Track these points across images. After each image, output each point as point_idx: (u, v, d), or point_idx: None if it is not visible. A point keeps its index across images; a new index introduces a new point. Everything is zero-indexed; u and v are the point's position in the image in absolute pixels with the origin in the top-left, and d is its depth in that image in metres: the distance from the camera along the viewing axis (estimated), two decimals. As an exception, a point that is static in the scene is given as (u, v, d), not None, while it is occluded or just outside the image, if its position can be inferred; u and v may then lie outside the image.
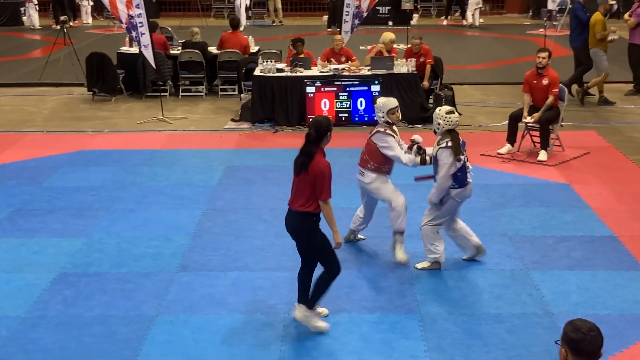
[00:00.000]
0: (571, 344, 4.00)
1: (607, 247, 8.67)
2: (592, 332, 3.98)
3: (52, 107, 15.71)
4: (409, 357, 6.58)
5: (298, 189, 6.72)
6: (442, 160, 7.87)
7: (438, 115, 7.89)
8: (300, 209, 6.70)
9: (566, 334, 4.04)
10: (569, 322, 4.09)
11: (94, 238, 9.11)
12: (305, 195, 6.67)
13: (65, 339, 6.88)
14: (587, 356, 3.99)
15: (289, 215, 6.86)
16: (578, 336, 3.97)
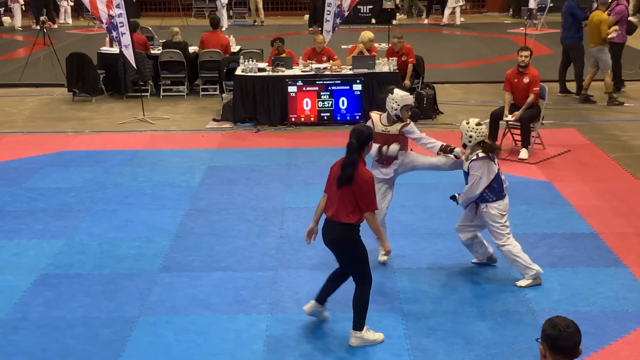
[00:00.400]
0: (548, 341, 4.03)
1: (588, 244, 8.72)
2: (569, 329, 4.01)
3: (32, 107, 15.62)
4: (391, 355, 6.58)
5: (341, 200, 6.50)
6: (474, 172, 7.64)
7: (469, 128, 7.65)
8: (345, 220, 6.51)
9: (544, 331, 4.07)
10: (547, 320, 4.12)
11: (75, 239, 9.06)
12: (349, 207, 6.49)
13: (46, 341, 6.84)
14: (564, 353, 4.01)
15: (330, 226, 6.62)
16: (555, 333, 4.00)
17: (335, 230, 6.59)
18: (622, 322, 7.05)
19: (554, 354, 4.03)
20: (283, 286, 7.85)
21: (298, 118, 13.86)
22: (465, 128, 7.72)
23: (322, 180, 10.64)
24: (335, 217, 6.56)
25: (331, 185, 6.65)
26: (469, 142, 7.72)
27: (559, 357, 4.03)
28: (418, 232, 9.15)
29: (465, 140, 7.76)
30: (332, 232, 6.63)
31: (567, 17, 15.40)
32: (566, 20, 15.44)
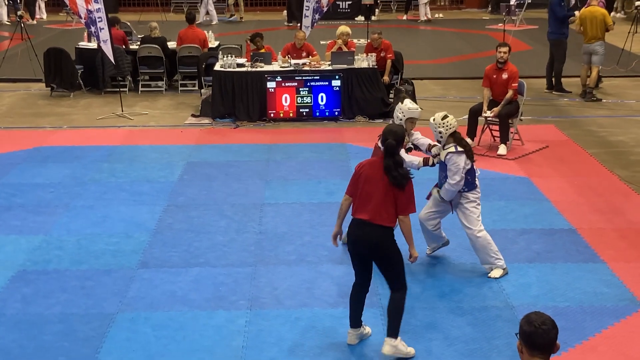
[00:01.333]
0: (525, 337, 4.06)
1: (566, 240, 8.77)
2: (545, 325, 4.03)
3: (10, 103, 15.49)
4: (371, 351, 6.60)
5: (382, 203, 6.27)
6: (455, 164, 7.65)
7: (436, 124, 7.69)
8: (386, 223, 6.30)
9: (521, 327, 4.09)
10: (525, 315, 4.15)
11: (53, 235, 9.00)
12: (391, 209, 6.29)
13: (24, 338, 6.79)
14: (540, 349, 4.04)
15: (368, 230, 6.32)
16: (530, 329, 4.03)
17: (375, 234, 6.32)
18: (599, 318, 7.10)
19: (530, 350, 4.05)
20: (262, 282, 7.84)
21: (277, 114, 13.84)
22: (434, 125, 7.77)
23: (302, 176, 10.75)
24: (374, 220, 6.29)
25: (362, 187, 6.37)
26: (440, 138, 7.77)
27: (535, 353, 4.05)
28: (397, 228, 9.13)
29: (437, 137, 7.82)
30: (370, 236, 6.33)
31: (550, 13, 15.46)
32: (549, 16, 15.51)
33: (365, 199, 6.35)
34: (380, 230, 6.32)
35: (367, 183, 6.35)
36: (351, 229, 6.46)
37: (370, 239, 6.35)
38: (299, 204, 9.89)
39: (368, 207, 6.32)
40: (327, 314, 7.21)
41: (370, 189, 6.32)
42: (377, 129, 13.10)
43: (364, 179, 6.38)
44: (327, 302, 7.45)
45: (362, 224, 6.35)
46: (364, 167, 6.46)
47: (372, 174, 6.35)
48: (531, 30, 23.44)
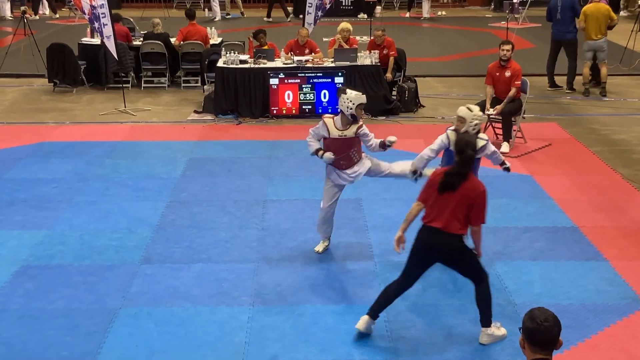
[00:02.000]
0: (527, 333, 4.07)
1: (568, 238, 8.77)
2: (547, 322, 4.04)
3: (12, 98, 15.50)
4: (373, 348, 6.61)
5: (454, 212, 6.37)
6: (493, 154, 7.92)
7: (474, 116, 7.73)
8: (458, 231, 6.41)
9: (523, 323, 4.10)
10: (528, 311, 4.15)
11: (56, 230, 9.02)
12: (461, 218, 6.39)
13: (27, 333, 6.81)
14: (542, 346, 4.05)
15: (441, 237, 6.43)
16: (533, 326, 4.03)
17: (448, 242, 6.43)
18: (602, 316, 7.11)
19: (532, 346, 4.06)
20: (265, 278, 7.84)
21: (279, 110, 13.84)
22: (470, 116, 7.76)
23: (304, 172, 10.75)
24: (447, 228, 6.38)
25: (436, 195, 6.45)
26: (472, 130, 7.76)
27: (537, 350, 4.06)
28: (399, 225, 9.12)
29: (469, 128, 7.77)
30: (444, 244, 6.45)
31: (567, 12, 15.30)
32: (565, 15, 15.32)
33: (441, 207, 6.41)
34: (453, 239, 6.42)
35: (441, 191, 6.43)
36: (424, 235, 6.52)
37: (445, 246, 6.45)
38: (301, 201, 9.90)
39: (443, 215, 6.38)
40: (330, 311, 7.21)
41: (447, 198, 6.38)
42: (379, 126, 13.13)
43: (437, 187, 6.46)
44: (330, 298, 7.45)
45: (436, 232, 6.41)
46: (439, 175, 6.51)
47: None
48: (534, 28, 23.42)
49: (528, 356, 4.11)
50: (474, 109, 7.83)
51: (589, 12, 15.04)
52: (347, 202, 9.27)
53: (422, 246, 6.53)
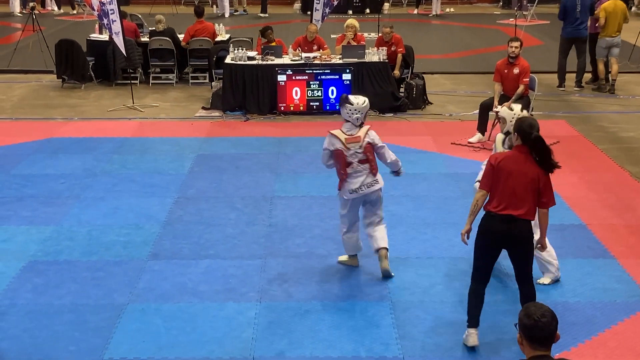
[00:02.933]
0: (524, 330, 4.04)
1: (576, 236, 8.75)
2: (544, 318, 4.01)
3: (21, 94, 15.54)
4: (380, 344, 6.60)
5: (530, 198, 6.22)
6: None
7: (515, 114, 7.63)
8: (531, 217, 6.27)
9: (520, 320, 4.08)
10: (523, 308, 4.13)
11: (64, 226, 9.04)
12: (532, 202, 6.23)
13: (35, 328, 6.83)
14: (540, 342, 4.03)
15: (516, 224, 6.23)
16: (530, 322, 4.01)
17: (524, 229, 6.28)
18: (610, 313, 7.09)
19: (530, 343, 4.04)
20: (272, 274, 7.85)
21: (287, 107, 13.84)
22: (511, 115, 7.67)
23: (312, 169, 10.75)
24: (522, 215, 6.22)
25: (505, 182, 6.22)
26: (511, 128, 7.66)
27: (536, 346, 4.04)
28: (406, 221, 9.16)
29: (511, 128, 7.51)
30: (519, 230, 6.26)
31: (586, 10, 15.20)
32: (584, 14, 15.23)
33: (510, 193, 6.21)
34: (528, 225, 6.28)
35: (510, 178, 6.21)
36: (493, 224, 6.30)
37: (519, 233, 6.27)
38: (309, 197, 9.90)
39: (514, 201, 6.20)
40: (337, 307, 7.22)
41: (515, 184, 6.19)
42: (387, 122, 13.13)
43: (506, 173, 6.23)
44: (337, 295, 7.46)
45: (508, 219, 6.22)
46: (503, 161, 6.30)
47: (516, 168, 6.22)
48: (542, 25, 23.37)
49: (527, 353, 4.09)
50: (515, 108, 7.77)
51: (610, 9, 15.04)
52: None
53: (494, 236, 6.34)
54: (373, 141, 7.65)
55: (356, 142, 7.60)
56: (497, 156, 6.41)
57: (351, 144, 7.60)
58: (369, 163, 7.64)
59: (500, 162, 6.28)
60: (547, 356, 4.06)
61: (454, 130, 12.73)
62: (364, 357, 6.43)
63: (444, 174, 10.71)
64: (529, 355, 4.07)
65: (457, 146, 11.89)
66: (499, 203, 6.25)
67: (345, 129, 7.67)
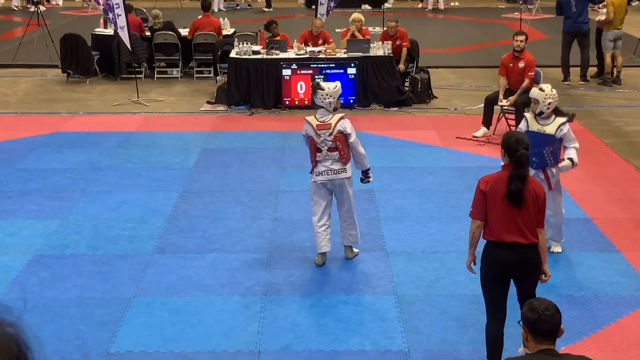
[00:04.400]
0: (528, 324, 4.05)
1: (582, 229, 8.75)
2: (548, 311, 4.03)
3: (26, 88, 15.56)
4: (385, 338, 6.61)
5: (527, 221, 5.74)
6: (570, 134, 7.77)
7: (547, 95, 7.66)
8: (536, 240, 5.80)
9: (524, 315, 4.09)
10: (526, 303, 4.15)
11: (69, 220, 9.06)
12: (533, 224, 5.78)
13: (41, 322, 6.83)
14: (545, 335, 4.04)
15: (523, 250, 5.77)
16: (534, 317, 4.03)
17: (531, 254, 5.82)
18: (615, 307, 7.10)
19: (535, 337, 4.05)
20: (277, 268, 7.87)
21: (292, 101, 13.85)
22: (543, 95, 7.70)
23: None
24: (527, 239, 5.77)
25: (501, 207, 5.77)
26: (547, 109, 7.72)
27: (541, 340, 4.05)
28: (412, 215, 9.17)
29: (544, 108, 7.69)
30: (527, 257, 5.81)
31: (582, 2, 15.19)
32: (580, 6, 15.18)
33: (508, 218, 5.76)
34: (535, 249, 5.82)
35: (507, 202, 5.76)
36: (502, 253, 5.81)
37: (531, 260, 5.83)
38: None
39: (515, 227, 5.75)
40: (342, 301, 7.23)
41: (514, 208, 5.74)
42: (392, 117, 13.13)
43: (501, 198, 5.77)
44: (342, 289, 7.47)
45: (514, 247, 5.77)
46: (494, 185, 5.85)
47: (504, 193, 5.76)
48: (547, 19, 23.31)
49: (532, 348, 4.10)
50: (546, 89, 7.82)
51: (617, 2, 15.05)
52: (360, 193, 9.27)
53: (505, 265, 5.83)
54: (345, 130, 7.71)
55: (326, 129, 7.72)
56: (486, 179, 5.96)
57: (321, 130, 7.74)
58: (338, 151, 7.72)
59: (492, 187, 5.85)
60: (552, 349, 4.07)
61: (459, 124, 12.73)
62: (369, 350, 6.44)
63: (449, 167, 10.71)
64: (534, 350, 4.08)
65: (462, 140, 11.89)
66: (502, 231, 5.80)
67: (319, 115, 7.81)
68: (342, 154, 7.72)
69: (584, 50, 15.43)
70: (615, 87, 15.28)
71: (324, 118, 7.78)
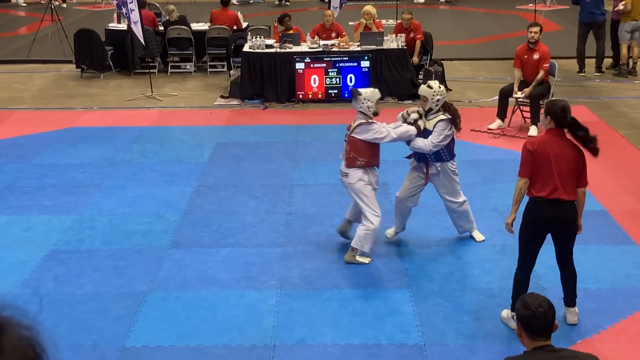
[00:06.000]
0: (523, 322, 4.02)
1: (598, 222, 8.70)
2: (541, 307, 3.99)
3: (41, 84, 15.61)
4: (400, 332, 6.60)
5: (572, 178, 6.34)
6: (442, 129, 7.82)
7: (435, 92, 7.81)
8: (574, 198, 6.38)
9: (517, 311, 4.06)
10: (520, 299, 4.12)
11: (85, 215, 9.08)
12: (574, 184, 6.36)
13: (57, 317, 6.86)
14: (539, 332, 4.00)
15: (564, 206, 6.32)
16: (527, 313, 3.99)
17: (571, 211, 6.37)
18: (632, 299, 7.05)
19: (529, 334, 4.01)
20: (292, 262, 7.86)
21: (306, 95, 13.83)
22: (432, 92, 7.85)
23: (330, 157, 10.74)
24: (569, 197, 6.30)
25: (545, 166, 6.28)
26: (435, 106, 7.88)
27: (536, 337, 4.01)
28: (427, 209, 9.12)
29: (432, 105, 7.88)
30: (568, 212, 6.35)
31: None
32: None
33: (554, 177, 6.25)
34: (574, 206, 6.37)
35: (552, 161, 6.26)
36: (542, 210, 6.32)
37: (569, 216, 6.35)
38: (328, 185, 9.89)
39: (560, 185, 6.25)
40: (357, 295, 7.22)
41: (558, 167, 6.25)
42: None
43: (546, 157, 6.26)
44: (357, 282, 7.46)
45: (557, 203, 6.27)
46: (541, 145, 6.34)
47: (557, 152, 6.28)
48: (562, 10, 23.18)
49: (528, 345, 4.05)
50: (434, 85, 7.93)
51: None
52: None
53: (544, 221, 6.37)
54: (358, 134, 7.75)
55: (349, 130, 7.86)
56: (533, 141, 6.46)
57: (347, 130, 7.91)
58: (346, 153, 7.81)
59: (538, 147, 6.31)
60: (549, 345, 4.03)
61: (473, 116, 12.67)
62: (384, 344, 6.43)
63: (464, 160, 10.64)
64: (529, 347, 4.04)
65: (476, 133, 11.84)
66: (545, 188, 6.28)
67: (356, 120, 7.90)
68: (348, 157, 7.80)
69: (600, 41, 15.33)
70: (631, 78, 15.20)
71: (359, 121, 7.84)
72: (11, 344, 1.26)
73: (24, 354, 1.29)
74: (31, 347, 1.32)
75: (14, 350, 1.26)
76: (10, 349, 1.25)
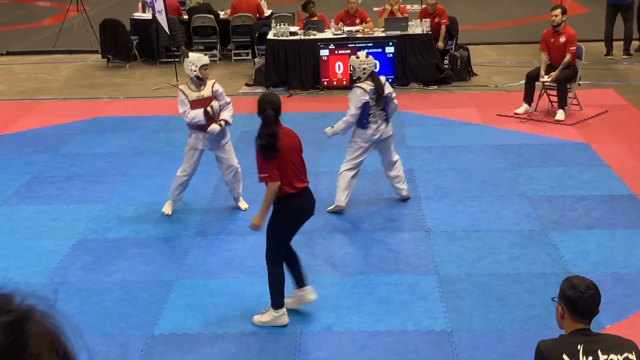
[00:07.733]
0: (568, 302, 3.94)
1: (626, 206, 8.62)
2: (590, 290, 3.93)
3: (67, 74, 15.70)
4: (427, 318, 6.58)
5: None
6: (351, 98, 8.31)
7: (361, 61, 8.25)
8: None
9: (563, 292, 3.98)
10: (566, 280, 4.04)
11: (112, 204, 9.14)
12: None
13: (86, 305, 6.92)
14: (584, 315, 3.94)
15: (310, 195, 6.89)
16: (575, 294, 3.91)
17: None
18: (660, 284, 6.99)
19: (573, 315, 3.95)
20: (317, 249, 7.86)
21: (330, 82, 13.80)
22: (359, 62, 8.24)
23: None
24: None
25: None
26: (363, 75, 8.25)
27: (579, 319, 3.95)
28: (453, 194, 9.10)
29: (360, 74, 8.26)
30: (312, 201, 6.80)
31: None
32: None
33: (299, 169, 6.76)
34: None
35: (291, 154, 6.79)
36: (299, 200, 6.72)
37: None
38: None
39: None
40: (383, 282, 7.21)
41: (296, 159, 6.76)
42: (432, 95, 13.03)
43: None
44: (382, 269, 7.45)
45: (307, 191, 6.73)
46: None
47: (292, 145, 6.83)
48: (589, -7, 22.95)
49: (567, 327, 4.00)
50: (361, 55, 8.34)
51: None
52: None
53: (305, 209, 6.89)
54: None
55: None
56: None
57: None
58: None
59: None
60: (588, 329, 3.99)
61: (500, 101, 12.59)
62: (411, 330, 6.42)
63: (490, 146, 10.61)
64: (569, 330, 3.99)
65: (503, 117, 11.76)
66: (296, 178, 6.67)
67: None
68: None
69: (628, 23, 15.16)
70: None
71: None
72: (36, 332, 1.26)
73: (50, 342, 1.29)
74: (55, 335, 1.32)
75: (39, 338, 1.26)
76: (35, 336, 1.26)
